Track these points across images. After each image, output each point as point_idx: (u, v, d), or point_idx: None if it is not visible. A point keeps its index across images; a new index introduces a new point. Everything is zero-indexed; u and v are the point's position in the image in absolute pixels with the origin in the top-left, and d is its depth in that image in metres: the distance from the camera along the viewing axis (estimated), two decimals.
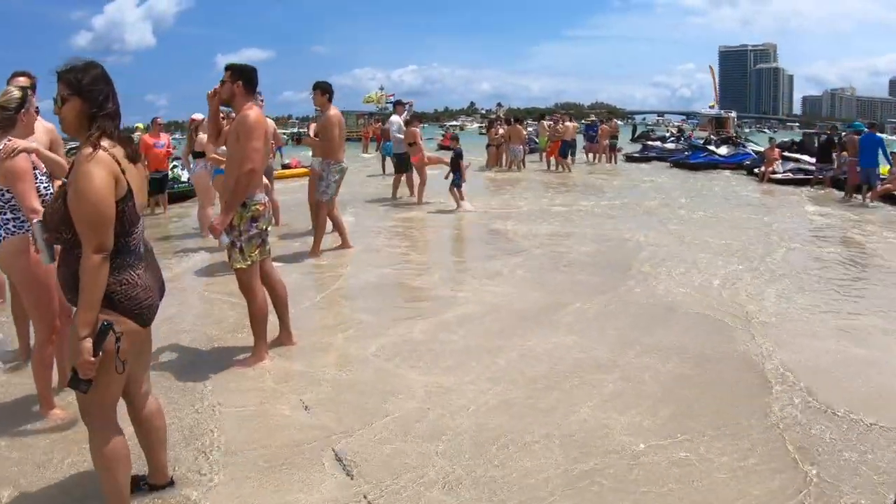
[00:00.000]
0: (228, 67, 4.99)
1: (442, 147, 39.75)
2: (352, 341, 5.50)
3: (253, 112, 4.86)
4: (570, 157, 22.70)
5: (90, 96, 2.70)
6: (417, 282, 7.59)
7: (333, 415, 4.12)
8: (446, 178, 13.30)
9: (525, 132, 24.31)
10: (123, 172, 2.68)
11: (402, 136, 14.88)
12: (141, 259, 2.83)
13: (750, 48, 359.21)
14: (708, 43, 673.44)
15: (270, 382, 4.70)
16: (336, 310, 6.58)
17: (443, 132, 52.55)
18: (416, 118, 15.90)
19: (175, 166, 15.81)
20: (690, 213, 12.68)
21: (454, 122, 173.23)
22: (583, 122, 26.39)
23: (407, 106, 15.80)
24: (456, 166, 13.26)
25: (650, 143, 31.69)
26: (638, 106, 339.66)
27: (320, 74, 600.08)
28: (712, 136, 33.65)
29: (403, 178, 15.19)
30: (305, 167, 22.89)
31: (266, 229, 5.06)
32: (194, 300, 7.24)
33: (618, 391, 4.43)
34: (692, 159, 24.83)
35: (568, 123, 22.88)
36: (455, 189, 13.18)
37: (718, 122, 67.05)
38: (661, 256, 8.61)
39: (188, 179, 14.29)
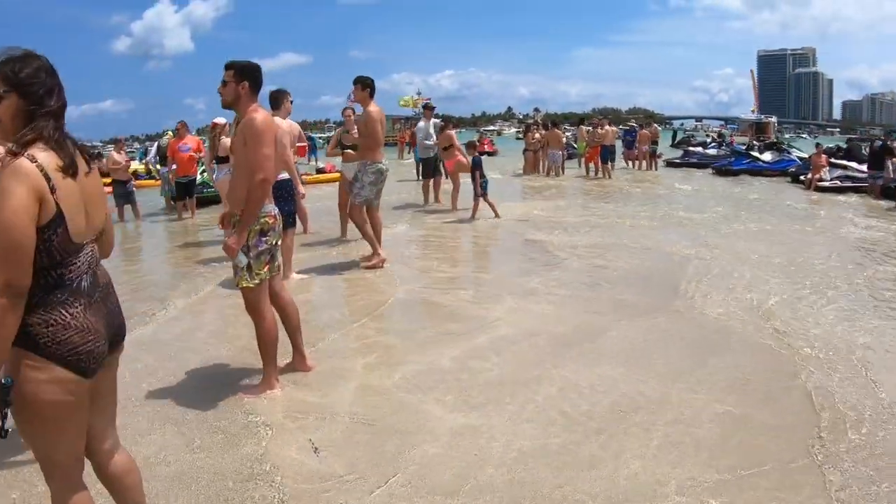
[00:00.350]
0: (230, 66, 4.47)
1: (479, 153, 39.43)
2: (373, 369, 5.00)
3: (259, 115, 4.38)
4: (609, 162, 22.08)
5: (30, 90, 2.19)
6: (448, 299, 6.99)
7: (345, 461, 3.61)
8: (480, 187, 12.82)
9: (564, 137, 23.65)
10: (53, 190, 2.12)
11: (429, 143, 14.54)
12: (82, 295, 2.26)
13: (789, 52, 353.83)
14: (747, 47, 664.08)
15: (279, 416, 4.23)
16: (359, 330, 6.02)
17: (477, 138, 52.08)
18: (450, 122, 15.30)
19: (204, 170, 15.49)
20: (737, 224, 11.96)
21: (491, 127, 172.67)
22: (621, 127, 25.62)
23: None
24: (480, 174, 12.62)
25: (691, 148, 30.73)
26: (676, 111, 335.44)
27: None
28: (754, 142, 32.70)
29: (431, 182, 14.82)
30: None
31: (276, 243, 4.59)
32: (210, 315, 6.84)
33: (671, 437, 3.84)
34: (735, 166, 24.04)
35: (608, 128, 22.23)
36: (483, 198, 12.56)
37: (759, 128, 66.42)
38: (710, 272, 7.95)
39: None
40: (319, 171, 23.70)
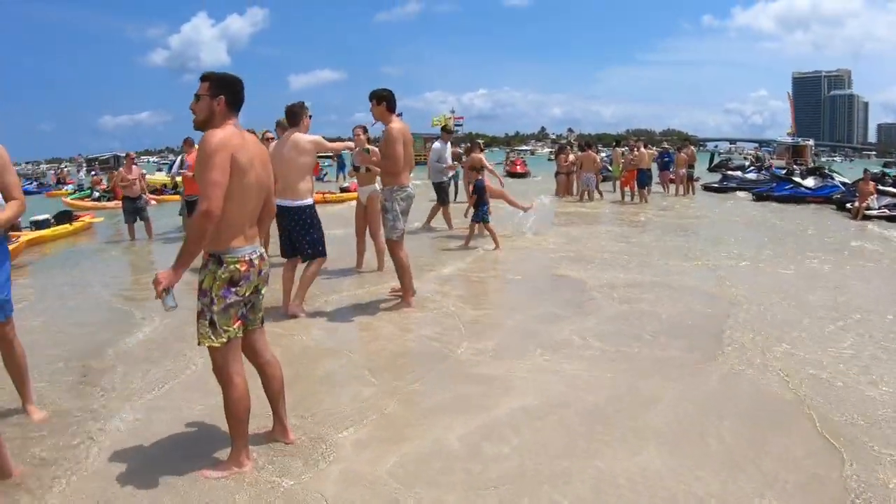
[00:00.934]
0: (206, 77, 3.73)
1: (510, 174, 38.61)
2: (364, 446, 4.10)
3: (219, 134, 3.54)
4: (647, 187, 21.11)
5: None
6: (464, 350, 6.03)
7: None
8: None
9: (599, 159, 22.66)
10: None
11: (441, 165, 13.92)
12: None
13: (824, 74, 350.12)
14: (780, 68, 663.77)
15: None
16: (355, 388, 5.09)
17: (510, 157, 51.15)
18: (477, 145, 14.45)
19: None
20: (787, 259, 10.91)
21: (525, 147, 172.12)
22: (655, 149, 24.60)
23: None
24: (480, 199, 11.89)
25: (730, 172, 29.63)
26: (710, 133, 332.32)
27: None
28: (794, 167, 31.50)
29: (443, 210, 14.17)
30: None
31: (257, 293, 3.81)
32: (194, 356, 5.86)
33: None
34: (777, 192, 22.88)
35: (643, 150, 21.17)
36: (482, 224, 11.92)
37: (795, 151, 64.64)
38: (764, 321, 6.94)
39: None
40: (344, 189, 23.01)
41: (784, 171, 28.41)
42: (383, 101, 7.07)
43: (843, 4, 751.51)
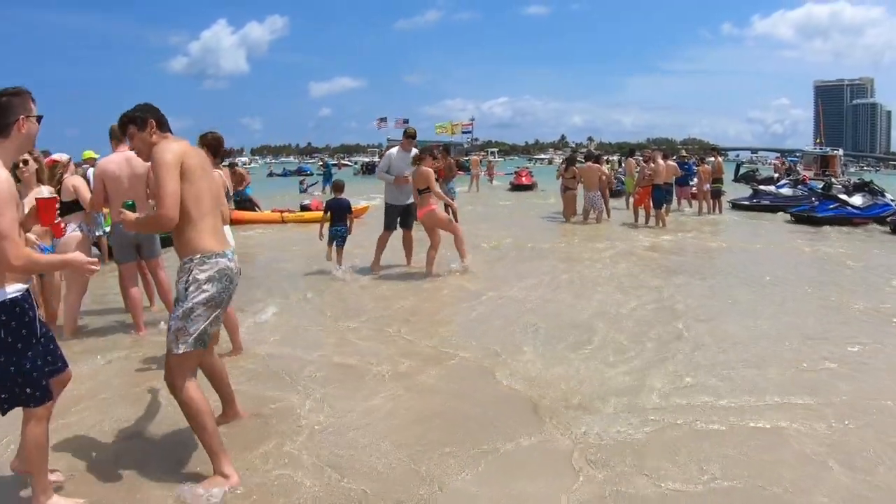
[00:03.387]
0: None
1: (514, 186, 35.27)
2: None
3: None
4: (665, 206, 17.89)
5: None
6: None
7: None
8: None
9: (605, 172, 19.19)
10: None
11: (390, 178, 11.00)
12: None
13: (846, 83, 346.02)
14: (800, 77, 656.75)
15: None
16: None
17: (516, 167, 47.88)
18: (430, 153, 11.08)
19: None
20: (868, 318, 7.77)
21: (543, 156, 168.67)
22: (675, 158, 21.05)
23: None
24: (340, 219, 10.55)
25: (762, 187, 25.93)
26: (732, 142, 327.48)
27: (411, 104, 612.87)
28: (832, 180, 28.02)
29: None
30: None
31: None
32: None
33: None
34: (820, 212, 19.37)
35: (661, 162, 17.64)
36: (337, 247, 10.62)
37: (824, 161, 61.04)
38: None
39: None
40: (304, 207, 19.87)
41: (822, 186, 25.00)
42: (146, 123, 3.95)
43: (863, 13, 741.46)
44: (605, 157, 25.58)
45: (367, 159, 77.93)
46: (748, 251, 13.65)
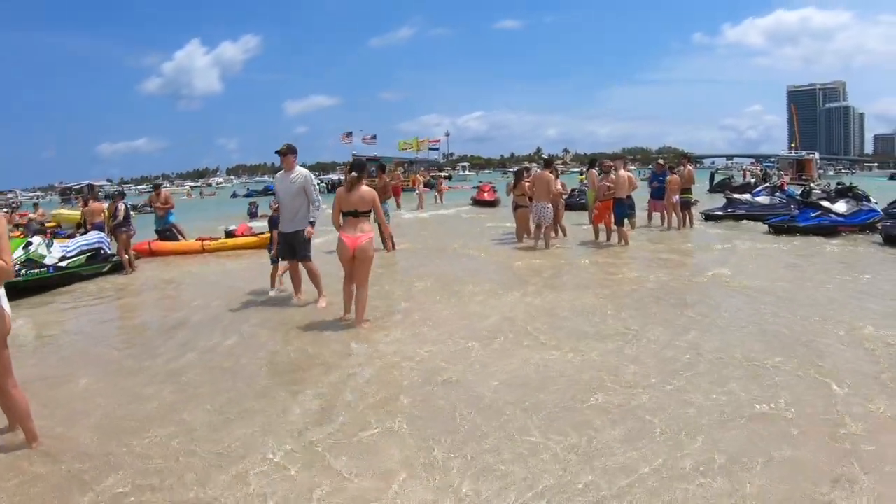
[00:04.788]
0: None
1: (475, 202, 33.19)
2: None
3: None
4: (629, 221, 15.83)
5: None
6: None
7: None
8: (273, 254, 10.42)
9: (553, 179, 16.73)
10: None
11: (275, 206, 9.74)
12: None
13: (819, 87, 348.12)
14: (773, 83, 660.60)
15: None
16: None
17: (479, 181, 45.69)
18: (359, 167, 8.90)
19: None
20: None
21: (513, 170, 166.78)
22: (649, 167, 18.91)
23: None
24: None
25: (736, 195, 23.77)
26: (706, 149, 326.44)
27: (387, 121, 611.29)
28: (812, 185, 26.14)
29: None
30: (258, 234, 16.85)
31: None
32: None
33: None
34: (801, 221, 17.35)
35: (623, 172, 15.68)
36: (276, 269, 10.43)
37: (799, 165, 59.67)
38: None
39: None
40: (229, 234, 17.68)
41: (801, 192, 23.06)
42: None
43: (832, 18, 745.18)
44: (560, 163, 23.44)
45: (336, 177, 75.56)
46: (716, 282, 11.58)
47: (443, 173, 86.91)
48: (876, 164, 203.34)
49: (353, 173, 8.34)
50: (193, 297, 10.89)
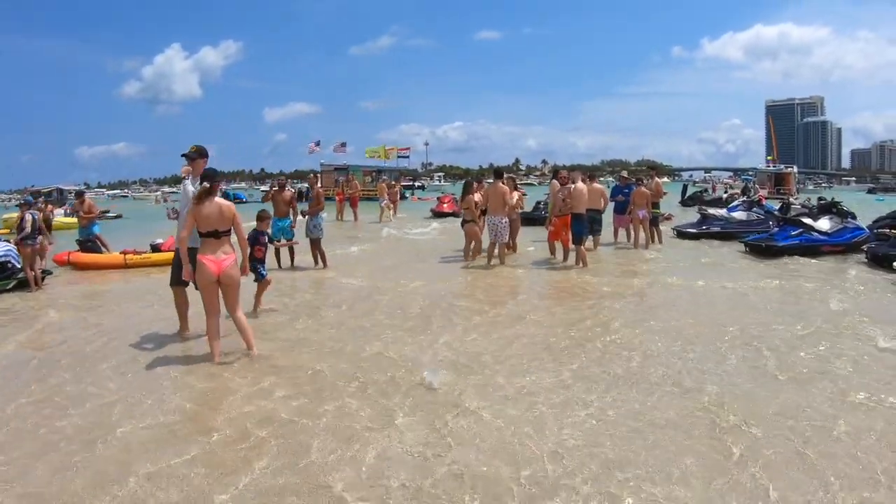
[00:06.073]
0: None
1: (435, 213, 31.30)
2: None
3: None
4: (586, 240, 14.13)
5: None
6: None
7: None
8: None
9: (514, 195, 15.09)
10: None
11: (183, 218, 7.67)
12: None
13: (797, 102, 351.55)
14: (752, 97, 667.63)
15: None
16: None
17: (441, 192, 43.52)
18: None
19: None
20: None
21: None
22: (610, 179, 17.22)
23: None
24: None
25: (712, 211, 21.89)
26: (684, 162, 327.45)
27: (367, 130, 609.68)
28: (791, 199, 24.56)
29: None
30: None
31: None
32: None
33: None
34: (781, 240, 15.68)
35: (580, 185, 13.88)
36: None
37: (778, 179, 58.45)
38: None
39: None
40: (154, 248, 15.82)
41: (780, 208, 21.46)
42: None
43: (811, 33, 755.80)
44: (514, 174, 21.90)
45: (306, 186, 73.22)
46: (704, 312, 9.81)
47: (417, 183, 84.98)
48: (854, 178, 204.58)
49: (206, 184, 7.01)
50: (78, 327, 9.22)
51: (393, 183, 38.81)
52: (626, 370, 6.46)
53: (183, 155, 7.86)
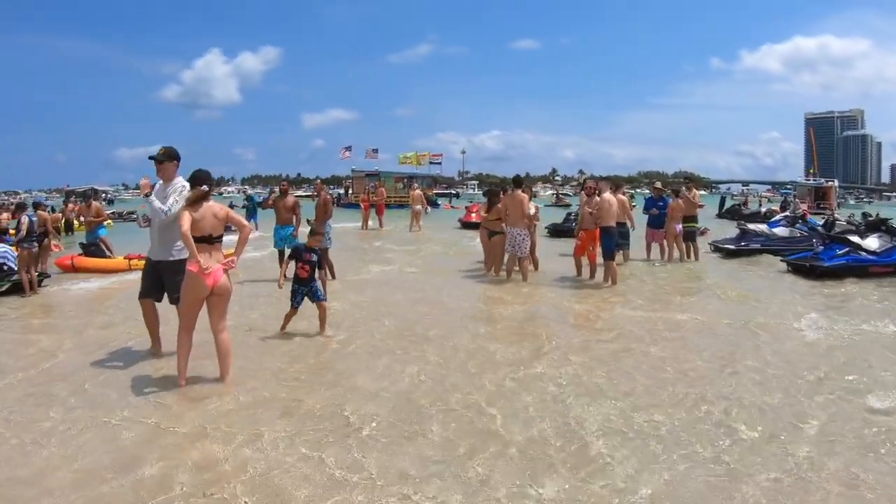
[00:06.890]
0: None
1: (464, 224, 30.21)
2: None
3: None
4: (619, 253, 13.26)
5: None
6: None
7: None
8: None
9: (526, 201, 13.75)
10: None
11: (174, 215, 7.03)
12: None
13: (837, 115, 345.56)
14: (790, 110, 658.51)
15: None
16: None
17: (469, 201, 42.47)
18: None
19: None
20: None
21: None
22: (641, 192, 16.15)
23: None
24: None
25: (752, 226, 20.57)
26: (722, 175, 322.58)
27: (403, 137, 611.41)
28: (836, 216, 23.27)
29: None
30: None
31: None
32: None
33: None
34: (826, 259, 14.55)
35: (608, 196, 12.76)
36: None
37: (818, 193, 56.73)
38: None
39: None
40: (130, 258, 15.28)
41: (823, 223, 20.16)
42: None
43: (851, 46, 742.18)
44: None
45: (341, 191, 72.62)
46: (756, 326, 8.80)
47: (452, 191, 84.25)
48: (895, 192, 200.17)
49: (204, 187, 6.56)
50: (61, 337, 8.67)
51: (416, 186, 37.49)
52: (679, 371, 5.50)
53: (150, 157, 7.13)
